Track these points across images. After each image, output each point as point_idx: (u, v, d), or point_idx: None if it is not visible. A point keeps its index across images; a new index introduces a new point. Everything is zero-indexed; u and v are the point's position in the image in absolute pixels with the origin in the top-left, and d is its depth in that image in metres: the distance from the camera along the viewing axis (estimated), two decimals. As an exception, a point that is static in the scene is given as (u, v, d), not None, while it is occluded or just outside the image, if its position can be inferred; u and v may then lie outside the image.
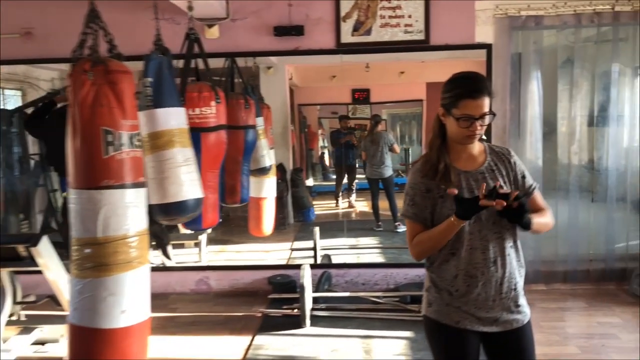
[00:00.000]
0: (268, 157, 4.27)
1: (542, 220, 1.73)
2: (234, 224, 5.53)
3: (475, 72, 1.70)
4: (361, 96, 6.25)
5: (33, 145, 4.65)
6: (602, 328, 3.52)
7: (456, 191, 1.59)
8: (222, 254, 5.29)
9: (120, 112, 2.01)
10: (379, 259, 4.99)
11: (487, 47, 3.94)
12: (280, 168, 5.27)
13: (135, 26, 3.65)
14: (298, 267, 3.77)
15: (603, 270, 4.24)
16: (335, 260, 4.71)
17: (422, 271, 1.89)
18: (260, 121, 4.19)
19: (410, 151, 6.72)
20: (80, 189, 1.94)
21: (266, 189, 4.45)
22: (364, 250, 5.21)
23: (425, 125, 6.14)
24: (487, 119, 1.65)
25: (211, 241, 5.21)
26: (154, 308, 2.16)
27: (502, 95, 3.98)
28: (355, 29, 3.98)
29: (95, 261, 1.94)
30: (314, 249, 4.73)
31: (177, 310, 4.01)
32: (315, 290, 3.88)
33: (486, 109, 1.62)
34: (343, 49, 4.01)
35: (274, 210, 4.55)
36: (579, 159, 4.27)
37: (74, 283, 1.97)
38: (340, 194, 6.12)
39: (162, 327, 3.68)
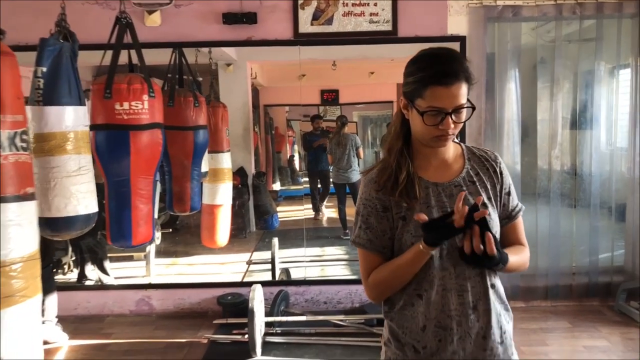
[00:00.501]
0: (204, 163, 3.84)
1: (519, 259, 1.33)
2: (191, 232, 5.09)
3: (448, 49, 1.27)
4: (330, 97, 5.89)
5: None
6: (589, 353, 3.15)
7: (425, 218, 1.17)
8: (173, 268, 4.82)
9: (-6, 105, 1.57)
10: (345, 271, 4.57)
11: (461, 39, 3.56)
12: (241, 172, 4.86)
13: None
14: (257, 283, 3.34)
15: (587, 285, 3.89)
16: (296, 274, 4.27)
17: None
18: None
19: (381, 155, 6.35)
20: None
21: (221, 195, 4.06)
22: (329, 262, 4.79)
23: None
24: (463, 114, 1.23)
25: (163, 253, 4.75)
26: (86, 333, 1.69)
27: (477, 92, 3.60)
28: (315, 18, 3.55)
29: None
30: (272, 262, 4.28)
31: (112, 336, 3.51)
32: (270, 312, 3.42)
33: (462, 100, 1.20)
34: (301, 39, 3.58)
35: (229, 219, 4.13)
36: (561, 164, 3.92)
37: None
38: (323, 204, 5.66)
39: (90, 358, 3.18)
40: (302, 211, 5.66)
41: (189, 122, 3.55)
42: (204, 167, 3.82)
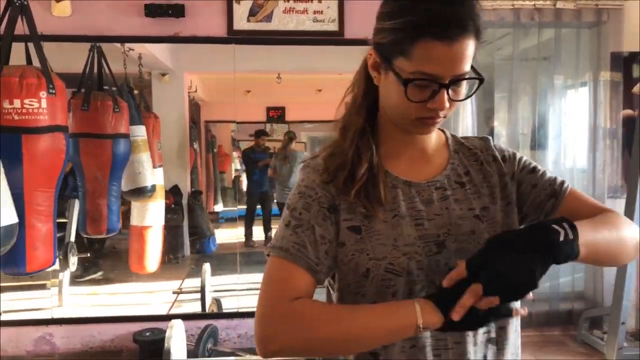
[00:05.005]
0: (150, 175, 3.36)
1: (608, 232, 0.86)
2: (117, 257, 4.54)
3: None
4: (276, 114, 5.49)
5: None
6: (556, 391, 2.82)
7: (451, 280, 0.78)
8: (93, 298, 4.22)
9: None
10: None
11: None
12: (175, 190, 4.37)
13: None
14: (180, 317, 2.86)
15: (547, 313, 3.60)
16: (229, 304, 3.78)
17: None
18: (139, 130, 3.35)
19: None
20: None
21: (151, 216, 3.64)
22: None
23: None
24: (463, 88, 0.83)
25: (84, 281, 4.16)
26: None
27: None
28: (253, 14, 3.15)
29: None
30: (202, 292, 3.77)
31: (0, 384, 2.90)
32: (194, 352, 2.92)
33: (466, 66, 0.80)
34: (236, 37, 3.17)
35: (160, 242, 3.71)
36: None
37: None
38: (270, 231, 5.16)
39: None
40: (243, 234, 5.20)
41: (106, 130, 3.12)
42: (151, 180, 3.41)
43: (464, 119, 3.44)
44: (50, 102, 2.32)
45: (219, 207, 5.55)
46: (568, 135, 3.66)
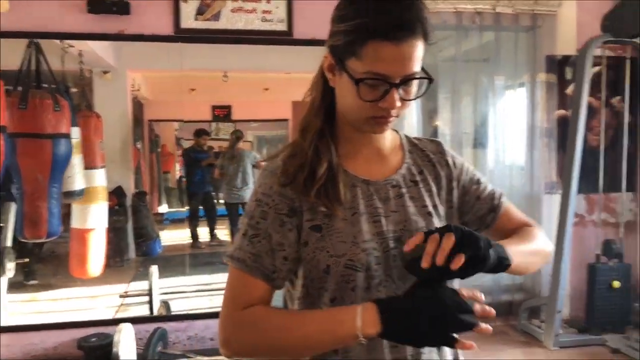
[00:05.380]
0: (80, 179, 3.28)
1: (528, 246, 0.96)
2: (58, 262, 4.36)
3: None
4: (222, 113, 5.40)
5: None
6: (498, 379, 2.95)
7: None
8: (32, 305, 4.04)
9: None
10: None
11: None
12: (118, 191, 4.25)
13: None
14: (127, 321, 2.80)
15: (489, 304, 3.70)
16: (178, 307, 3.72)
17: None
18: (74, 132, 3.25)
19: None
20: None
21: (93, 218, 3.53)
22: (218, 291, 4.27)
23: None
24: (414, 87, 0.87)
25: (22, 287, 3.97)
26: None
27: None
28: (200, 12, 3.12)
29: None
30: (150, 295, 3.70)
31: None
32: (144, 355, 2.86)
33: (416, 66, 0.84)
34: (184, 35, 3.13)
35: (104, 245, 3.59)
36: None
37: None
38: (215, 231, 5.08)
39: None
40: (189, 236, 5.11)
41: (46, 129, 3.03)
42: (80, 184, 3.31)
43: (409, 118, 3.52)
44: (-14, 101, 2.24)
45: (163, 208, 5.43)
46: (507, 134, 3.82)
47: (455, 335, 0.81)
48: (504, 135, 3.80)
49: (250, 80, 4.71)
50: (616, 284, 3.36)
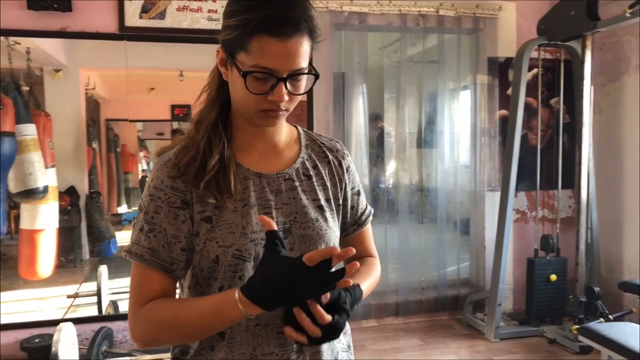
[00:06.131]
0: (42, 176, 3.24)
1: (372, 281, 1.06)
2: (6, 264, 4.26)
3: None
4: (182, 112, 5.35)
5: None
6: (440, 371, 3.04)
7: (272, 223, 0.84)
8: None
9: None
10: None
11: (307, 44, 3.34)
12: (71, 192, 4.18)
13: None
14: (72, 320, 2.79)
15: (435, 299, 3.85)
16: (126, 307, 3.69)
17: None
18: (28, 129, 3.23)
19: None
20: None
21: (43, 218, 3.47)
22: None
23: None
24: (302, 82, 0.90)
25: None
26: None
27: (325, 102, 3.41)
28: (145, 11, 3.12)
29: None
30: (98, 295, 3.66)
31: None
32: (88, 355, 2.84)
33: (302, 62, 0.87)
34: (128, 33, 3.12)
35: (54, 246, 3.56)
36: (409, 178, 3.88)
37: None
38: None
39: None
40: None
41: (-13, 127, 2.95)
42: (42, 181, 3.29)
43: (356, 119, 3.60)
44: None
45: (122, 209, 5.36)
46: (452, 134, 3.93)
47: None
48: (449, 135, 3.90)
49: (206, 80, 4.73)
50: (553, 277, 3.50)
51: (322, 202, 1.00)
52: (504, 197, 3.46)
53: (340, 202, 1.04)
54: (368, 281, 1.02)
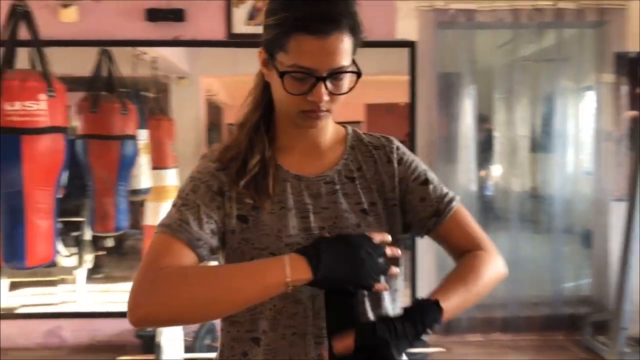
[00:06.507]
0: (145, 178, 3.54)
1: (469, 288, 0.90)
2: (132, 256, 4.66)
3: None
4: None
5: None
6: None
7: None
8: (108, 295, 4.35)
9: None
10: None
11: (410, 45, 3.24)
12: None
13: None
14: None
15: (549, 317, 3.55)
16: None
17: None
18: (143, 134, 3.49)
19: None
20: None
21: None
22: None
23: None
24: (345, 81, 0.86)
25: (103, 278, 4.27)
26: None
27: (429, 103, 3.29)
28: (251, 17, 3.22)
29: None
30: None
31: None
32: (192, 347, 2.99)
33: (343, 60, 0.83)
34: (235, 40, 3.24)
35: None
36: (521, 185, 3.62)
37: None
38: None
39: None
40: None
41: (114, 131, 3.23)
42: (147, 183, 3.53)
43: (463, 121, 3.43)
44: (50, 104, 2.43)
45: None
46: (571, 138, 3.60)
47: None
48: (568, 139, 3.58)
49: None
50: (692, 301, 3.06)
51: (366, 205, 0.93)
52: (631, 208, 3.10)
53: (397, 201, 0.96)
54: (461, 290, 0.88)
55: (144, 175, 3.56)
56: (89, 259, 4.22)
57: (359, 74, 0.87)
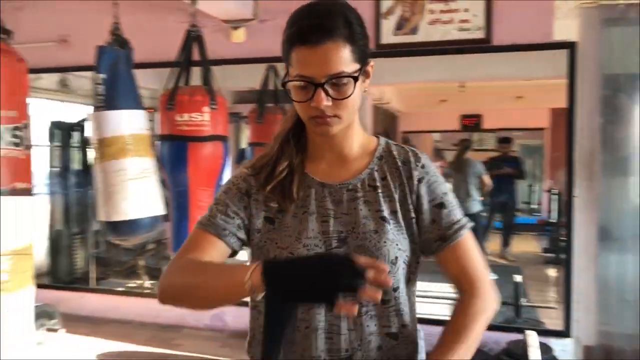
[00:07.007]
0: None
1: (467, 343, 0.92)
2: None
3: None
4: (471, 122, 5.39)
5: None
6: None
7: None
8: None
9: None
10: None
11: (570, 46, 2.99)
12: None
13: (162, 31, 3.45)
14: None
15: None
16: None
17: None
18: None
19: (535, 187, 5.86)
20: None
21: None
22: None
23: (549, 159, 5.19)
24: (348, 87, 0.91)
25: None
26: (157, 342, 1.73)
27: (591, 107, 3.00)
28: (399, 27, 3.28)
29: None
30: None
31: (179, 348, 3.52)
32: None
33: (339, 66, 0.89)
34: (383, 50, 3.33)
35: None
36: None
37: None
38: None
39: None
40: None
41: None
42: None
43: (634, 126, 3.05)
44: (213, 116, 2.81)
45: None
46: None
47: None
48: None
49: (500, 88, 4.60)
50: None
51: (386, 213, 0.97)
52: None
53: (412, 214, 0.98)
54: (461, 346, 0.91)
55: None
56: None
57: (355, 78, 0.91)
